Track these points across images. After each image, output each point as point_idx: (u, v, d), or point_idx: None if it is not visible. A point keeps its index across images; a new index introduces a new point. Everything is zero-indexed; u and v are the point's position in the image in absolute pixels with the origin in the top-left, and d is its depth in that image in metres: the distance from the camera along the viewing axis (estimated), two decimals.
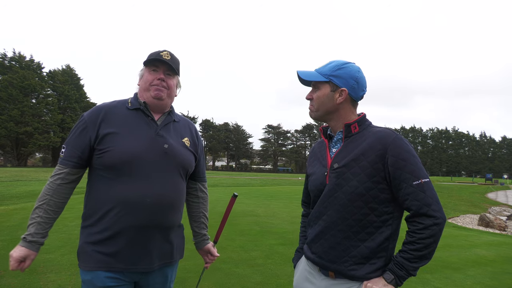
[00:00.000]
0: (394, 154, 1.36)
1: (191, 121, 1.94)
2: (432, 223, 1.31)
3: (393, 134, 1.41)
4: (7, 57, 56.12)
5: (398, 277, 1.35)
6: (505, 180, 56.45)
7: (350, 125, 1.48)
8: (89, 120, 1.63)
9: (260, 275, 4.40)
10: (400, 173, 1.35)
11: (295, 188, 23.55)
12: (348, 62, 1.52)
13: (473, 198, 22.53)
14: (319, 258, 1.49)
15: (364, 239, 1.39)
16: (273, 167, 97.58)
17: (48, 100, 57.41)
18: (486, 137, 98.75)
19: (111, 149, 1.57)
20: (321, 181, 1.50)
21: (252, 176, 47.96)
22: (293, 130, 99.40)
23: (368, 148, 1.40)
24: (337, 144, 1.53)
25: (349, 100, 1.50)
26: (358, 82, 1.49)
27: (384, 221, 1.40)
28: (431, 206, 1.32)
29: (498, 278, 4.79)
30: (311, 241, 1.54)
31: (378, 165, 1.37)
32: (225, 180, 33.30)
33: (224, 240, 6.26)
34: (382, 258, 1.40)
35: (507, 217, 14.00)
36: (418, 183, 1.34)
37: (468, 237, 8.17)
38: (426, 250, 1.32)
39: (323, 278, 1.50)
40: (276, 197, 15.89)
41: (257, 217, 9.11)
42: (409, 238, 1.35)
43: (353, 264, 1.40)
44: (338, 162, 1.45)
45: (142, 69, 1.77)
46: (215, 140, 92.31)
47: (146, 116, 1.70)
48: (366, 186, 1.37)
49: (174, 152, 1.69)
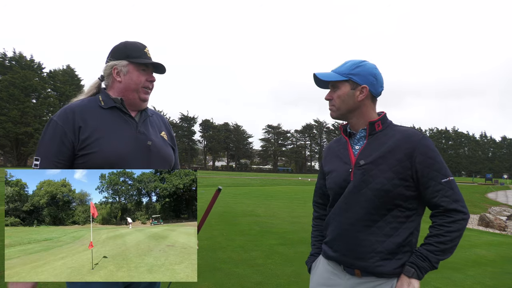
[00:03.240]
0: (422, 153, 1.39)
1: (160, 114, 1.92)
2: (461, 218, 1.36)
3: (420, 134, 1.44)
4: (7, 57, 56.20)
5: (419, 268, 1.36)
6: (505, 180, 56.53)
7: (374, 123, 1.50)
8: (65, 124, 1.54)
9: (260, 275, 4.41)
10: (428, 171, 1.38)
11: (295, 188, 23.56)
12: (363, 60, 1.55)
13: (473, 198, 22.52)
14: (344, 256, 1.48)
15: (390, 234, 1.41)
16: (273, 167, 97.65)
17: (49, 101, 57.45)
18: (486, 137, 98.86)
19: (95, 153, 1.53)
20: (344, 178, 1.50)
21: (252, 176, 47.98)
22: (293, 130, 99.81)
23: (396, 146, 1.42)
24: (359, 141, 1.54)
25: (370, 97, 1.52)
26: (376, 79, 1.52)
27: (408, 217, 1.43)
28: (459, 202, 1.38)
29: (498, 278, 4.79)
30: (333, 239, 1.53)
31: (405, 163, 1.40)
32: (225, 180, 33.32)
33: (224, 240, 6.27)
34: (408, 253, 1.42)
35: (507, 217, 14.01)
36: (446, 181, 1.39)
37: (468, 237, 8.16)
38: (451, 243, 1.36)
39: (348, 277, 1.48)
40: (276, 197, 15.90)
41: (257, 217, 9.12)
42: (435, 231, 1.38)
43: (379, 260, 1.40)
44: (365, 159, 1.46)
45: (122, 64, 1.65)
46: (215, 140, 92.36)
47: (123, 113, 1.65)
48: (393, 183, 1.40)
49: (158, 148, 1.69)
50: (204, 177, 37.13)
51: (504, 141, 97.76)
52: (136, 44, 1.69)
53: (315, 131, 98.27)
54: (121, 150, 1.57)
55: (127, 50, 1.66)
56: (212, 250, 5.49)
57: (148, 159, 1.64)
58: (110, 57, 1.69)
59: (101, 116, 1.60)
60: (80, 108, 1.59)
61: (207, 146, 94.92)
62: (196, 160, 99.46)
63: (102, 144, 1.55)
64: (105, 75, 1.70)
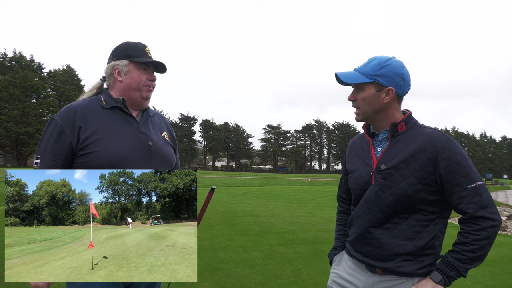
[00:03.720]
0: (446, 157, 1.33)
1: (162, 114, 1.93)
2: (489, 225, 1.30)
3: (445, 137, 1.37)
4: (7, 57, 56.27)
5: (448, 277, 1.33)
6: (505, 180, 56.52)
7: (397, 124, 1.44)
8: (65, 123, 1.54)
9: (260, 275, 4.41)
10: (453, 176, 1.33)
11: (295, 188, 23.58)
12: (390, 57, 1.45)
13: None
14: (365, 257, 1.47)
15: (412, 237, 1.38)
16: (273, 167, 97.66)
17: (49, 101, 57.54)
18: (486, 137, 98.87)
19: (96, 153, 1.53)
20: (366, 181, 1.47)
21: (252, 176, 48.00)
22: (293, 130, 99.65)
23: (418, 150, 1.36)
24: (382, 143, 1.49)
25: (396, 98, 1.45)
26: (403, 79, 1.43)
27: (431, 220, 1.39)
28: (487, 208, 1.31)
29: (498, 278, 4.79)
30: (355, 240, 1.51)
31: (428, 168, 1.34)
32: (225, 180, 33.32)
33: (224, 240, 6.27)
34: (431, 255, 1.39)
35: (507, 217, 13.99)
36: (473, 186, 1.32)
37: None
38: (480, 251, 1.30)
39: (369, 275, 1.48)
40: (276, 197, 15.91)
41: (257, 217, 9.13)
42: (463, 239, 1.33)
43: (401, 261, 1.39)
44: (386, 164, 1.41)
45: (122, 64, 1.67)
46: (215, 140, 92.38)
47: (125, 113, 1.65)
48: (415, 189, 1.35)
49: (159, 149, 1.69)
50: (204, 177, 37.14)
51: (504, 141, 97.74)
52: (136, 44, 1.70)
53: (315, 131, 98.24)
54: (122, 150, 1.57)
55: (127, 50, 1.67)
56: (212, 250, 5.49)
57: (149, 159, 1.64)
58: (112, 57, 1.70)
59: (102, 116, 1.61)
60: (82, 108, 1.59)
61: (207, 146, 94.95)
62: (196, 160, 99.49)
63: (103, 144, 1.55)
64: (107, 75, 1.71)
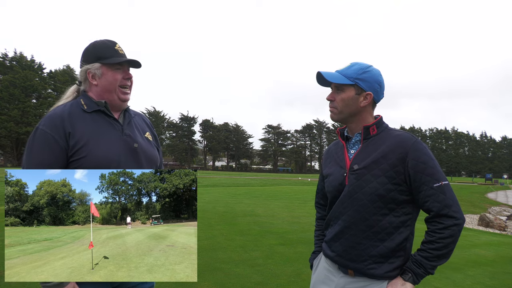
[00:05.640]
0: (414, 158, 1.40)
1: (143, 114, 1.89)
2: (452, 224, 1.36)
3: (413, 138, 1.44)
4: (8, 57, 56.28)
5: (415, 275, 1.39)
6: (505, 180, 56.53)
7: (368, 127, 1.51)
8: (53, 132, 1.50)
9: (260, 275, 4.41)
10: (420, 176, 1.39)
11: (295, 188, 23.57)
12: (370, 65, 1.55)
13: (473, 198, 22.53)
14: (339, 257, 1.52)
15: (384, 239, 1.43)
16: (273, 167, 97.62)
17: (49, 101, 57.55)
18: (486, 137, 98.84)
19: (85, 157, 1.51)
20: (340, 182, 1.53)
21: (252, 176, 47.99)
22: (293, 130, 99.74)
23: (389, 151, 1.43)
24: (355, 145, 1.56)
25: (371, 103, 1.53)
26: (381, 86, 1.53)
27: (403, 222, 1.44)
28: (451, 207, 1.37)
29: (498, 278, 4.80)
30: (331, 239, 1.57)
31: (398, 168, 1.41)
32: (225, 180, 33.31)
33: (224, 240, 6.27)
34: (401, 257, 1.44)
35: (507, 217, 13.99)
36: (438, 185, 1.38)
37: (468, 237, 8.17)
38: (445, 249, 1.36)
39: (342, 275, 1.54)
40: (276, 197, 15.91)
41: (257, 217, 9.13)
42: (429, 237, 1.39)
43: (372, 263, 1.44)
44: (358, 164, 1.48)
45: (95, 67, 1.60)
46: (215, 140, 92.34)
47: (108, 116, 1.63)
48: (386, 188, 1.41)
49: (144, 150, 1.69)
50: (204, 177, 37.15)
51: (504, 141, 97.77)
52: (105, 43, 1.63)
53: (315, 131, 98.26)
54: (110, 154, 1.56)
55: (97, 52, 1.60)
56: (212, 250, 5.50)
57: (136, 161, 1.64)
58: (82, 61, 1.63)
59: (86, 120, 1.57)
60: (67, 114, 1.55)
61: (207, 146, 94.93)
62: (196, 160, 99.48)
63: (91, 148, 1.53)
64: (82, 80, 1.65)
